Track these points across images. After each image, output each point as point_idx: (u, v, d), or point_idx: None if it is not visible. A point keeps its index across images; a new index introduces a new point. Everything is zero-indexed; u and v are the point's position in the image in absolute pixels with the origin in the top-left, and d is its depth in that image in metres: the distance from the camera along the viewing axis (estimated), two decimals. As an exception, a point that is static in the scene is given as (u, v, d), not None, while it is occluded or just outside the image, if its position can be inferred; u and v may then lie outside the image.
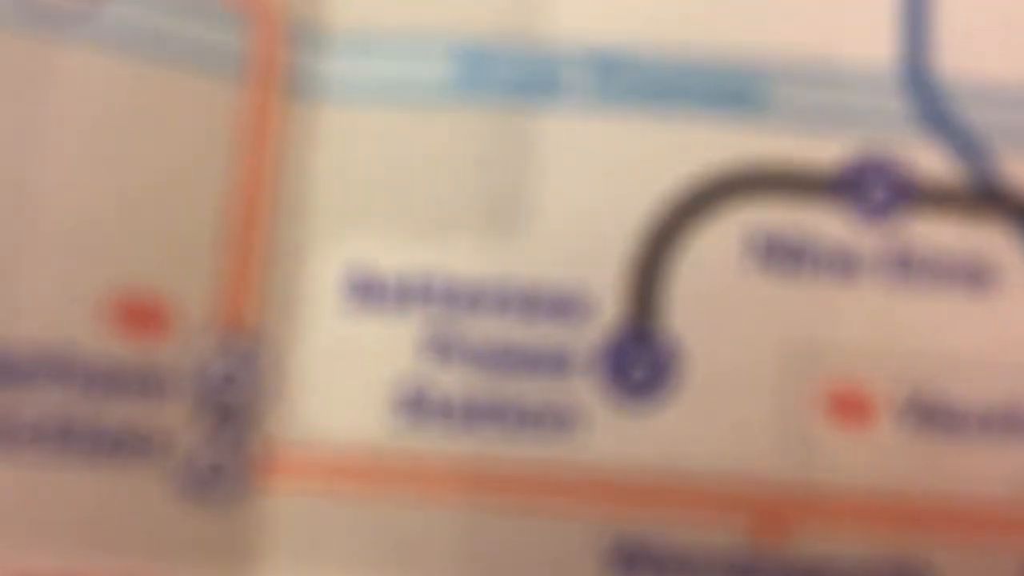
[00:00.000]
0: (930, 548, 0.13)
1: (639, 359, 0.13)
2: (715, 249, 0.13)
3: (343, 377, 0.13)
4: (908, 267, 0.13)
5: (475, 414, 0.13)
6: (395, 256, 0.13)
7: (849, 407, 0.13)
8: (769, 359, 0.13)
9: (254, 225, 0.12)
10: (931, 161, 0.14)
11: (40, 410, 0.12)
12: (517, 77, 0.13)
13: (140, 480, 0.12)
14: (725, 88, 0.13)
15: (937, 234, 0.14)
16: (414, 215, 0.13)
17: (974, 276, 0.13)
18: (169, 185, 0.12)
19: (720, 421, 0.13)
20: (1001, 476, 0.13)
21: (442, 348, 0.13)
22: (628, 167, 0.13)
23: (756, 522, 0.13)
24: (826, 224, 0.13)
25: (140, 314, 0.12)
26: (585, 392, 0.13)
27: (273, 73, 0.13)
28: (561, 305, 0.13)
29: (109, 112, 0.12)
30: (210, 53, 0.12)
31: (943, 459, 0.13)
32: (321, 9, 0.13)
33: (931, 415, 0.13)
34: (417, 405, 0.13)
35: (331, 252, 0.13)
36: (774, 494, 0.13)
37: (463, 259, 0.13)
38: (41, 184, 0.12)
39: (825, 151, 0.13)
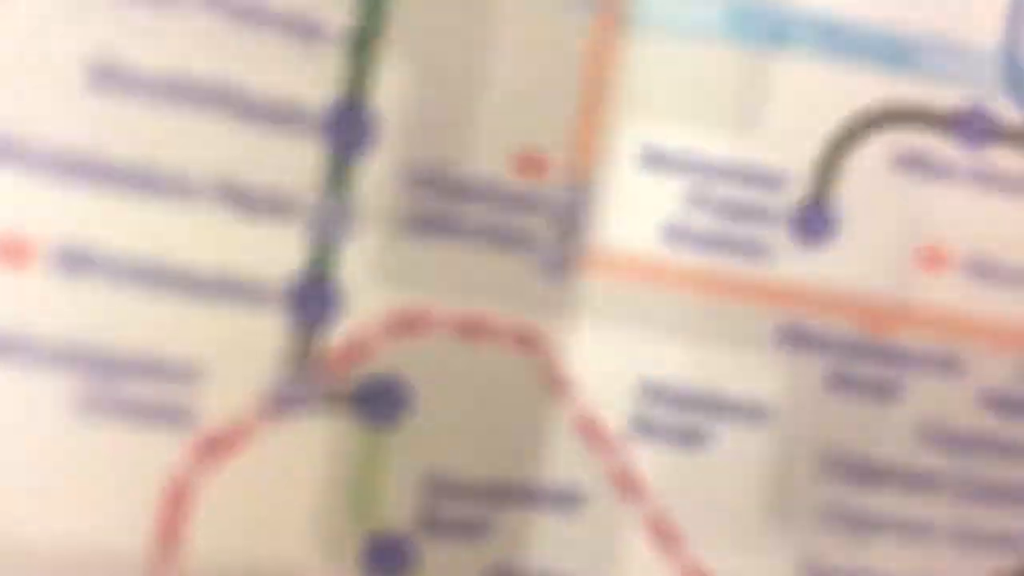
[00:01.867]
0: (968, 348, 0.21)
1: (815, 220, 0.21)
2: (871, 156, 0.21)
3: (636, 211, 0.21)
4: (985, 178, 0.21)
5: (711, 244, 0.21)
6: (674, 138, 0.21)
7: (935, 259, 0.21)
8: (892, 226, 0.21)
9: (596, 110, 0.21)
10: (1009, 112, 0.22)
11: (473, 218, 0.20)
12: (763, 27, 0.21)
13: (520, 264, 0.21)
14: (888, 50, 0.21)
15: (1005, 159, 0.22)
16: (689, 113, 0.21)
17: (1027, 187, 0.22)
18: (551, 87, 0.20)
19: (857, 262, 0.21)
20: (1021, 308, 0.22)
21: (696, 200, 0.21)
22: (824, 97, 0.21)
23: (868, 322, 0.21)
24: (940, 147, 0.21)
25: (530, 162, 0.20)
26: (779, 237, 0.21)
27: (612, 10, 0.21)
28: (773, 180, 0.21)
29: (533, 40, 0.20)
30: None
31: (985, 295, 0.21)
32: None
33: (984, 267, 0.21)
34: (677, 234, 0.21)
35: (637, 130, 0.21)
36: (882, 307, 0.21)
37: (716, 144, 0.21)
38: (484, 98, 0.20)
39: (945, 99, 0.21)
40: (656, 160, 0.21)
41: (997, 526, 0.22)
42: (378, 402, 0.19)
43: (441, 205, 0.19)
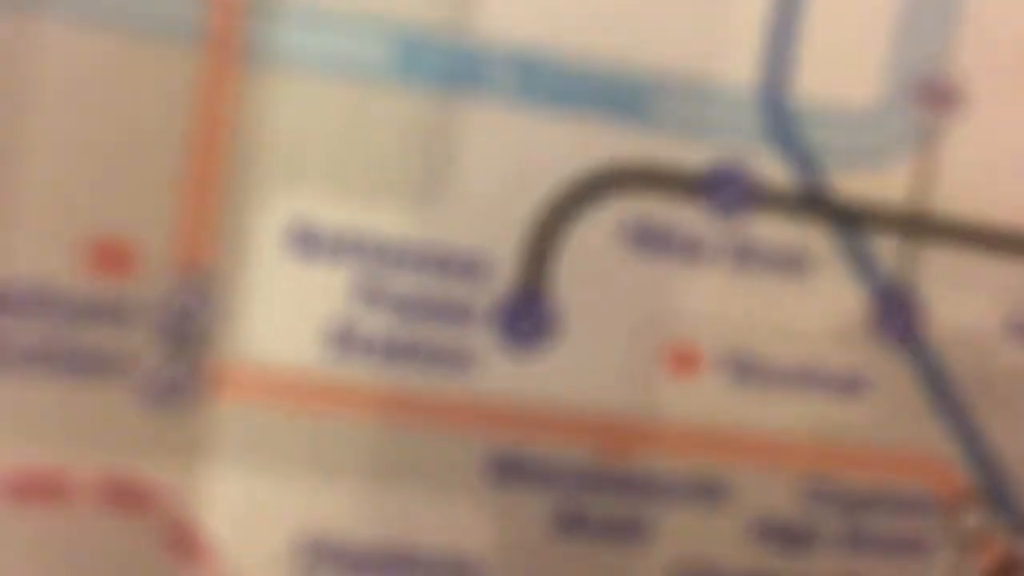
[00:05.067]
0: (733, 469, 0.17)
1: (527, 315, 0.16)
2: (596, 231, 0.16)
3: (283, 312, 0.16)
4: (745, 255, 0.17)
5: (391, 351, 0.16)
6: (332, 212, 0.16)
7: (684, 361, 0.17)
8: (627, 320, 0.16)
9: (210, 178, 0.15)
10: (774, 171, 0.17)
11: (28, 336, 0.15)
12: (446, 67, 0.16)
13: (112, 393, 0.15)
14: (615, 96, 0.16)
15: (770, 230, 0.17)
16: (350, 178, 0.16)
17: (795, 264, 0.17)
18: (137, 143, 0.15)
19: (585, 368, 0.16)
20: (795, 417, 0.17)
21: (368, 295, 0.16)
22: (532, 156, 0.16)
23: (605, 445, 0.16)
24: (685, 217, 0.17)
25: (111, 255, 0.15)
26: (481, 339, 0.16)
27: (230, 42, 0.15)
28: (468, 266, 0.16)
29: (85, 80, 0.15)
30: (175, 25, 0.15)
31: (751, 403, 0.17)
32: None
33: (747, 369, 0.17)
34: (343, 340, 0.16)
35: (278, 204, 0.16)
36: (621, 424, 0.16)
37: (390, 220, 0.16)
38: (26, 145, 0.15)
39: (690, 156, 0.17)
40: (308, 244, 0.16)
41: None
42: None
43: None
